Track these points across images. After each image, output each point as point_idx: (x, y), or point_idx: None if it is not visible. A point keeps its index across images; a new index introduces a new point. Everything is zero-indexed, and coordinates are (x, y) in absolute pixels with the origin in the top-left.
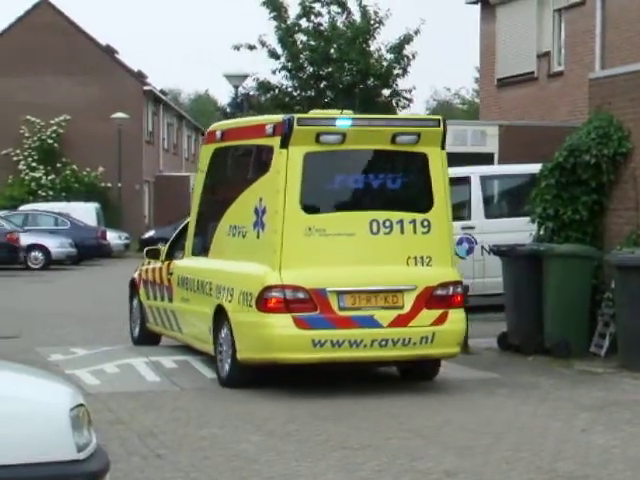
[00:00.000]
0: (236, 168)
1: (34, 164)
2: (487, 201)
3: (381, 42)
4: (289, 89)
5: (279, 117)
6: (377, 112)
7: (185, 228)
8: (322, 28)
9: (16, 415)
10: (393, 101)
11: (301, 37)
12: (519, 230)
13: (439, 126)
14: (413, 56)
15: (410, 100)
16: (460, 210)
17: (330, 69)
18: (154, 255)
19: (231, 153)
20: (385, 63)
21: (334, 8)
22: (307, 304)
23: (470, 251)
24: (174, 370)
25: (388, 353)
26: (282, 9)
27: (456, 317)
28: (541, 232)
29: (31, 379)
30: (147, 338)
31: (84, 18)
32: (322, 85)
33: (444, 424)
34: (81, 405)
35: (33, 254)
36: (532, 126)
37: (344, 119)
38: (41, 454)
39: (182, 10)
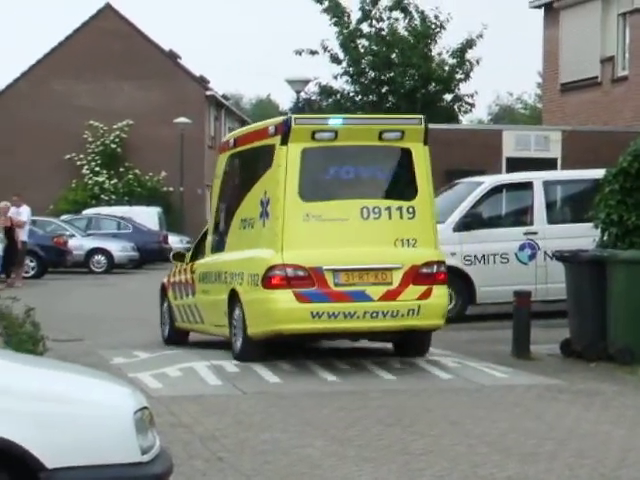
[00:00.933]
0: (246, 169)
1: (97, 168)
2: (550, 206)
3: (443, 46)
4: (351, 94)
5: (280, 119)
6: (439, 117)
7: (206, 233)
8: (383, 33)
9: (81, 417)
10: (455, 106)
11: (363, 42)
12: (582, 236)
13: (421, 124)
14: (477, 62)
15: (472, 105)
16: (523, 215)
17: (392, 74)
18: (180, 258)
19: (242, 156)
20: (447, 68)
21: (395, 13)
22: (306, 281)
23: (533, 257)
24: (236, 374)
25: (379, 324)
26: (344, 15)
27: (440, 292)
28: (605, 238)
29: (95, 382)
30: (176, 336)
31: (147, 23)
32: (384, 90)
33: (507, 430)
34: (145, 408)
35: (96, 258)
36: (596, 131)
37: (336, 118)
38: (106, 456)
39: (244, 15)
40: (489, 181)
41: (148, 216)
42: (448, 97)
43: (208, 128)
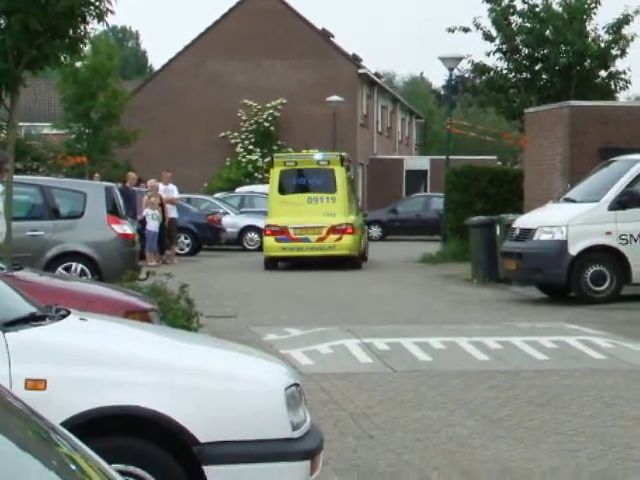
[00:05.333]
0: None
1: (251, 147)
2: None
3: (597, 23)
4: (504, 71)
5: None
6: (594, 94)
7: None
8: (537, 9)
9: (235, 392)
10: (611, 83)
11: (516, 19)
12: None
13: (338, 157)
14: (632, 38)
15: (628, 81)
16: None
17: (545, 51)
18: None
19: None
20: (602, 44)
21: None
22: (280, 233)
23: None
24: (387, 352)
25: (315, 253)
26: None
27: (347, 238)
28: None
29: (248, 358)
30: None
31: (301, 2)
32: (537, 67)
33: None
34: (296, 384)
35: (249, 235)
36: None
37: (295, 157)
38: (258, 431)
39: None
40: None
41: None
42: (604, 74)
43: (360, 106)
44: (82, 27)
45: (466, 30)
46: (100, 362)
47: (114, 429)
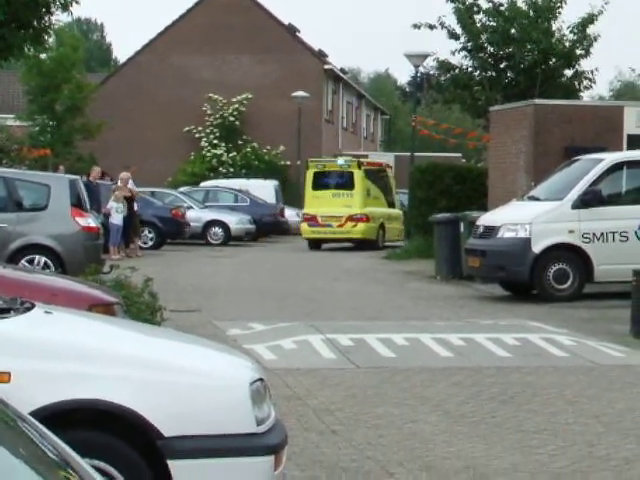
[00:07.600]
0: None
1: (216, 141)
2: None
3: (562, 21)
4: (469, 69)
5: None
6: (559, 93)
7: None
8: (502, 8)
9: (198, 387)
10: (575, 82)
11: (481, 17)
12: None
13: (356, 161)
14: (595, 38)
15: (592, 81)
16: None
17: (510, 49)
18: None
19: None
20: (567, 43)
21: None
22: (312, 220)
23: None
24: (350, 348)
25: (337, 236)
26: None
27: (361, 225)
28: None
29: (213, 352)
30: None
31: None
32: (502, 65)
33: (624, 410)
34: (261, 379)
35: (213, 230)
36: None
37: (324, 161)
38: (222, 426)
39: None
40: (609, 158)
41: (265, 189)
42: (568, 73)
43: (326, 102)
44: (46, 18)
45: (432, 27)
46: (65, 355)
47: (79, 423)
